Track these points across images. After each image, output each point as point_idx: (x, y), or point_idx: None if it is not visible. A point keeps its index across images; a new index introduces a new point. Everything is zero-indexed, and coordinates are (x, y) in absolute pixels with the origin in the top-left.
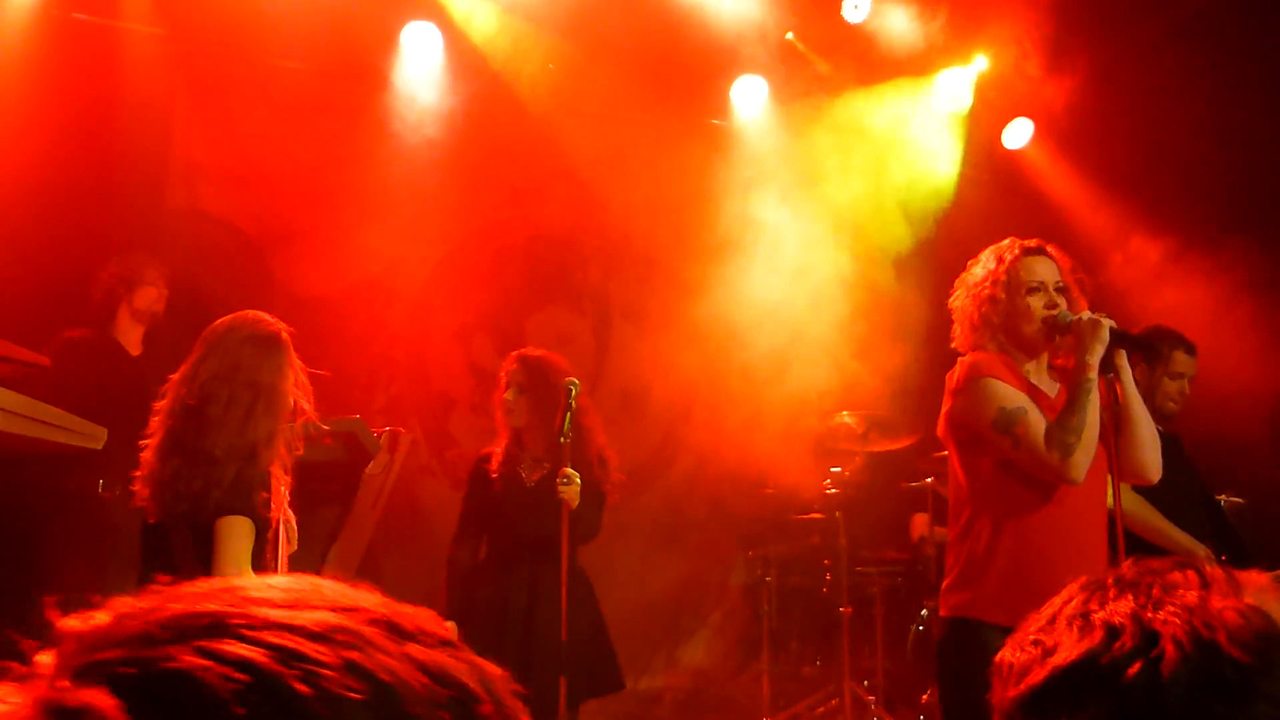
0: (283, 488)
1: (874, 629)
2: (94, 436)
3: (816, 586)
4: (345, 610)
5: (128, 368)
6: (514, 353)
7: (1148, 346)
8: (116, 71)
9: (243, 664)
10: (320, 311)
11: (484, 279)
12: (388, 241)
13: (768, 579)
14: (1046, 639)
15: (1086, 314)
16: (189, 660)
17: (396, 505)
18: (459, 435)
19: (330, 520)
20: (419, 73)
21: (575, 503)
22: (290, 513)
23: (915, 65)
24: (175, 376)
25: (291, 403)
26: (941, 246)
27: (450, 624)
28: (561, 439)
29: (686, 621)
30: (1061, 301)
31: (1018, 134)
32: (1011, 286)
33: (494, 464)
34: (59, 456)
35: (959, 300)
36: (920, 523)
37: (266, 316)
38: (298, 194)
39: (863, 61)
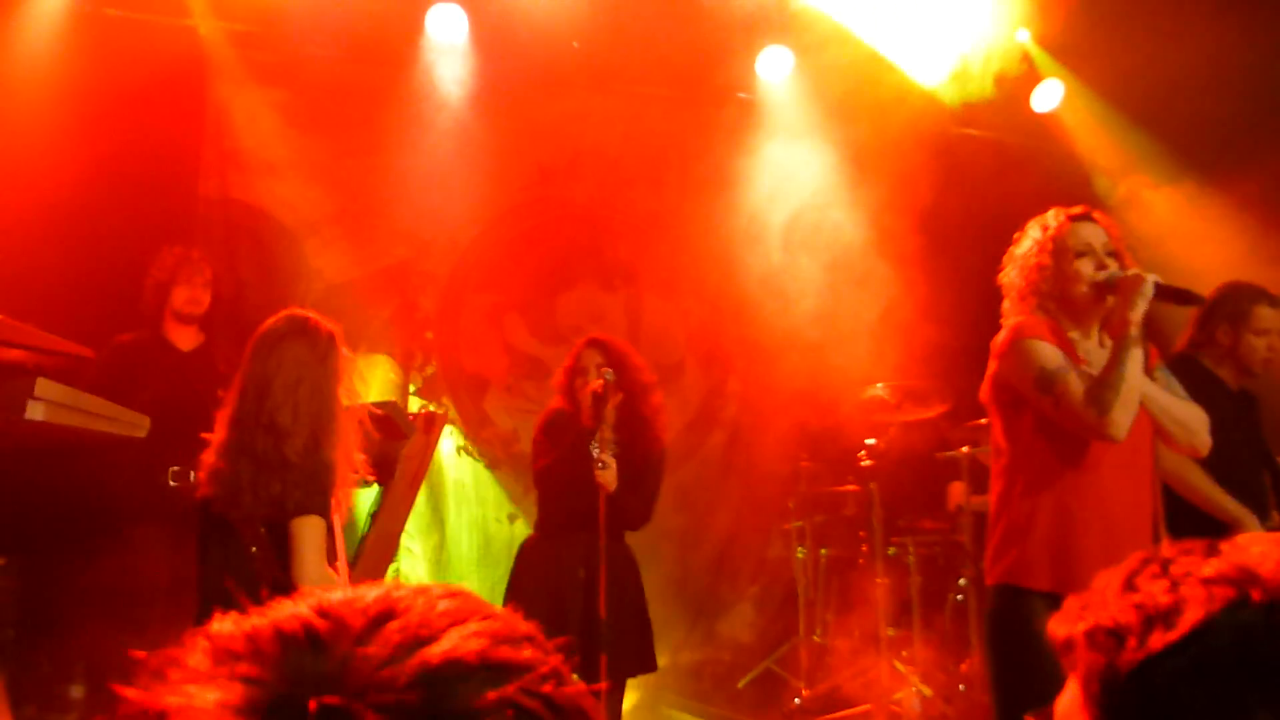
0: (350, 476)
1: (911, 599)
2: (137, 425)
3: (853, 558)
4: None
5: (177, 365)
6: (589, 336)
7: (1194, 299)
8: (148, 65)
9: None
10: (353, 295)
11: (515, 259)
12: (418, 224)
13: (804, 552)
14: (1149, 602)
15: (1131, 270)
16: None
17: (432, 485)
18: (493, 415)
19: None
20: (444, 55)
21: (613, 486)
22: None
23: (946, 31)
24: (236, 378)
25: (345, 399)
26: (974, 214)
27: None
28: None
29: (724, 595)
30: (1111, 264)
31: (1048, 96)
32: (1059, 252)
33: (566, 429)
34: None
35: (1007, 275)
36: (957, 492)
37: (316, 316)
38: (328, 179)
39: (891, 29)
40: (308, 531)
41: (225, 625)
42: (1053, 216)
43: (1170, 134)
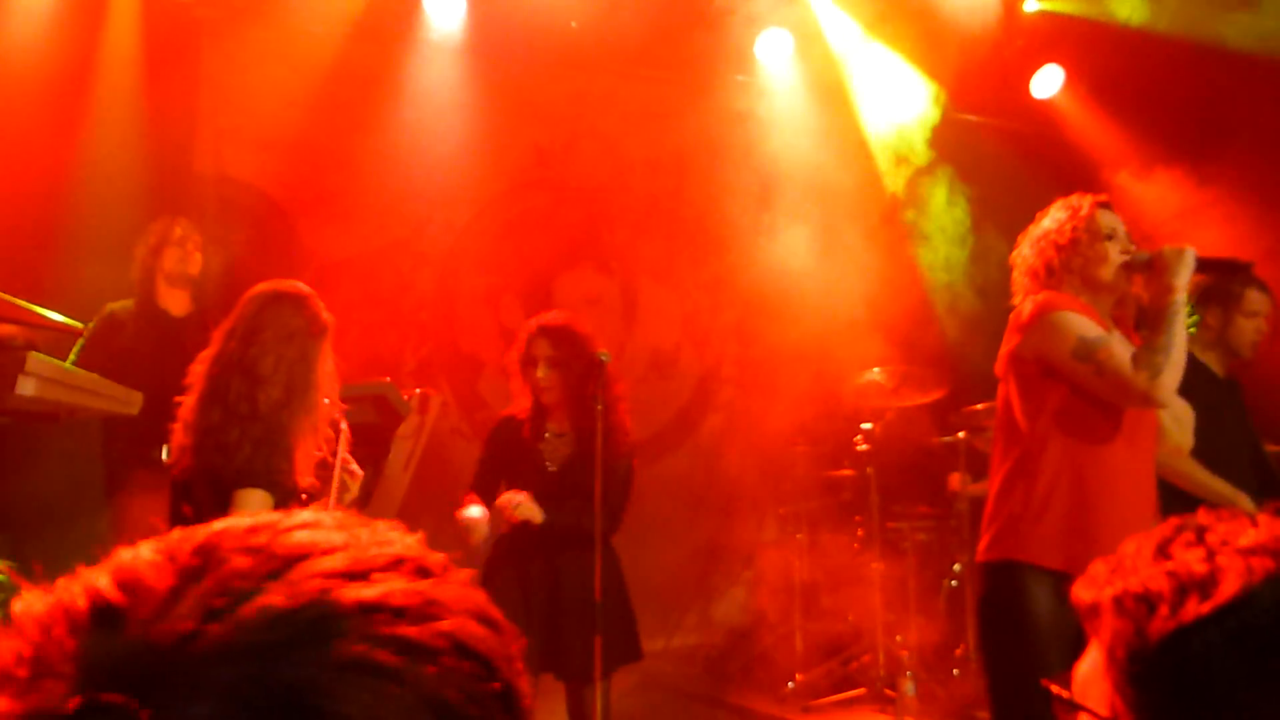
0: (317, 451)
1: (906, 584)
2: (129, 402)
3: (848, 542)
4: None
5: (170, 331)
6: (534, 324)
7: (1232, 270)
8: (142, 39)
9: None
10: (348, 275)
11: (511, 240)
12: (414, 204)
13: (800, 536)
14: (1183, 570)
15: (1166, 246)
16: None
17: (427, 467)
18: (489, 397)
19: (363, 483)
20: (442, 34)
21: (538, 519)
22: (353, 463)
23: (943, 15)
24: (217, 333)
25: (327, 373)
26: (971, 198)
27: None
28: (597, 406)
29: (719, 579)
30: (1134, 247)
31: (1047, 82)
32: (1091, 231)
33: (520, 439)
34: (112, 425)
35: (1023, 253)
36: (954, 478)
37: (304, 287)
38: (324, 158)
39: (889, 12)
40: (246, 503)
41: (26, 606)
42: (1079, 199)
43: (1160, 119)
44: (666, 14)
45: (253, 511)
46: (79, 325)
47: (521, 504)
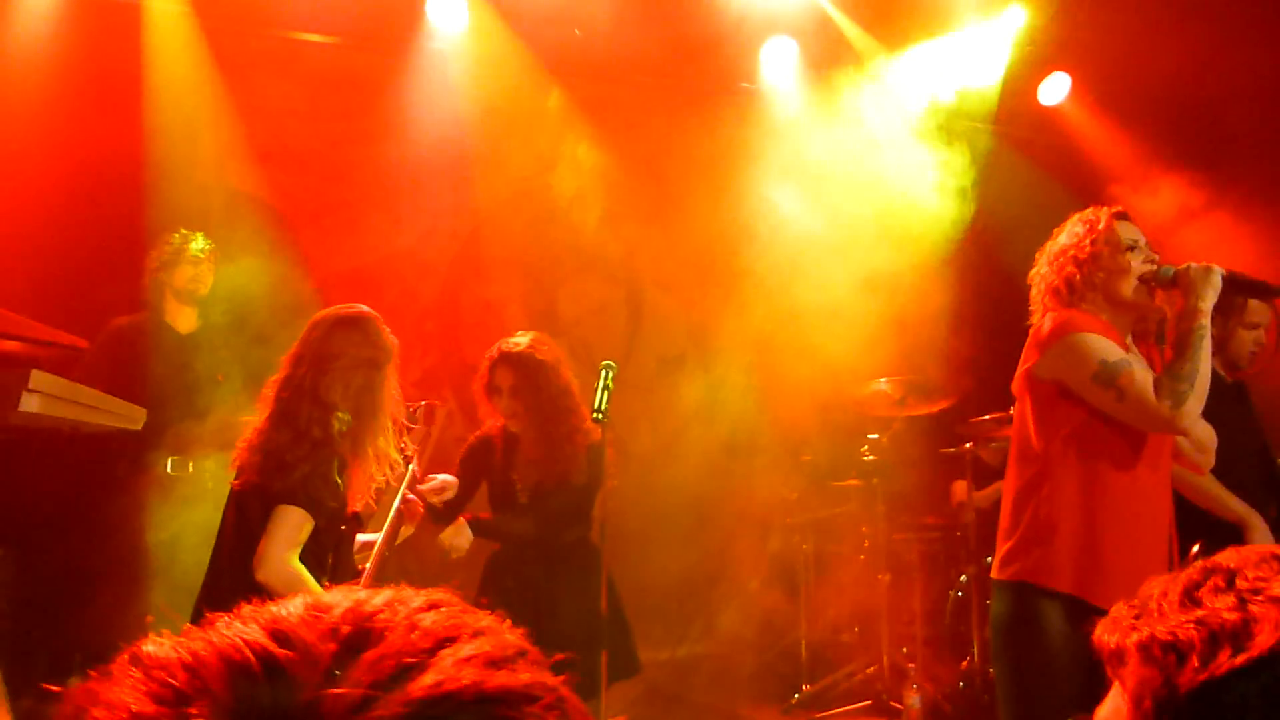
0: (379, 476)
1: (912, 596)
2: (132, 418)
3: (854, 553)
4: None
5: (176, 347)
6: (496, 350)
7: (1265, 290)
8: (144, 51)
9: None
10: (352, 286)
11: (515, 250)
12: (418, 214)
13: (805, 546)
14: (1213, 619)
15: (1193, 264)
16: None
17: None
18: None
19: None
20: (444, 43)
21: (464, 549)
22: (412, 496)
23: (948, 21)
24: (286, 358)
25: (392, 399)
26: (979, 208)
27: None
28: (597, 416)
29: (723, 589)
30: (1156, 258)
31: (1054, 89)
32: (1112, 244)
33: (493, 463)
34: (124, 437)
35: (1041, 271)
36: (960, 488)
37: (369, 311)
38: (326, 169)
39: (894, 19)
40: (285, 519)
41: (161, 648)
42: (1096, 212)
43: (1171, 127)
44: (671, 21)
45: (288, 527)
46: (83, 342)
47: (455, 547)
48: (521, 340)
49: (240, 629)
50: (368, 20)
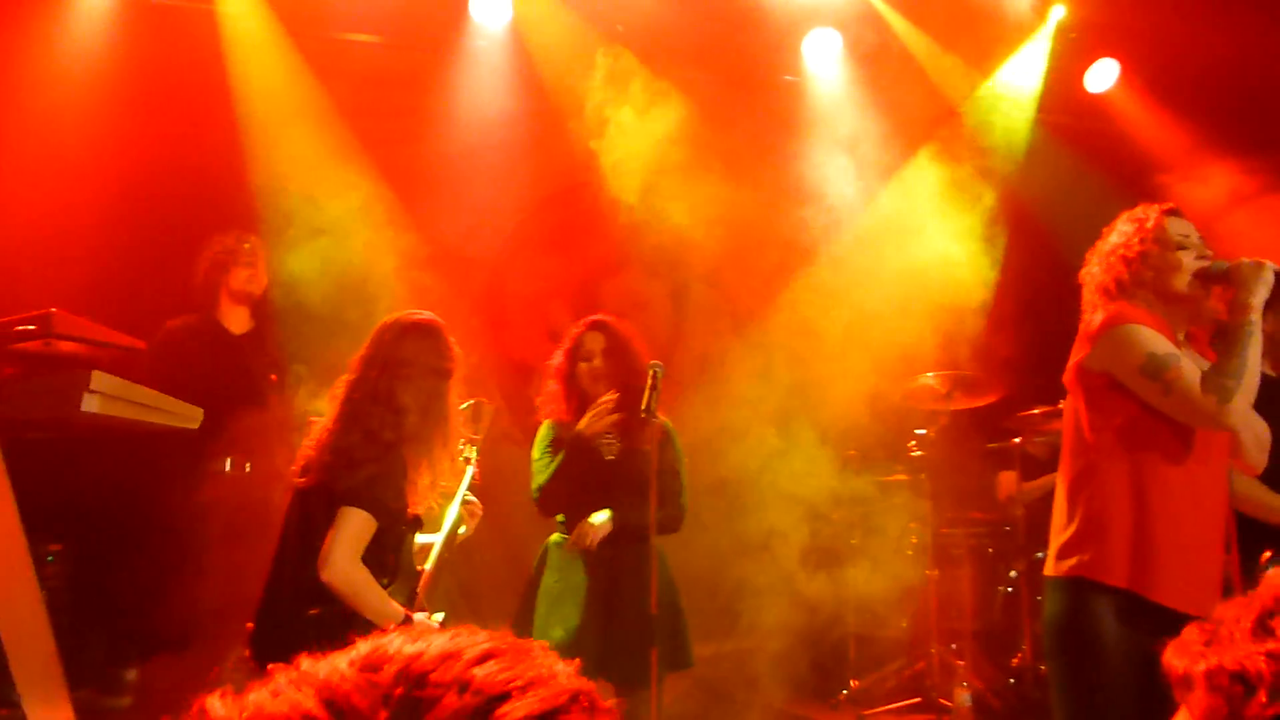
0: (441, 481)
1: (960, 591)
2: (189, 417)
3: (901, 548)
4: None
5: (230, 348)
6: (591, 319)
7: None
8: (196, 52)
9: None
10: (397, 282)
11: (559, 245)
12: (463, 211)
13: (852, 541)
14: None
15: (1245, 259)
16: None
17: (477, 472)
18: (539, 402)
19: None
20: (489, 40)
21: (596, 540)
22: (474, 501)
23: (993, 11)
24: (355, 361)
25: (455, 407)
26: (1028, 198)
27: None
28: (644, 414)
29: (769, 584)
30: (1209, 254)
31: (1101, 76)
32: (1162, 241)
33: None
34: (179, 436)
35: (1092, 270)
36: (1007, 481)
37: (436, 319)
38: (374, 166)
39: (938, 9)
40: (350, 521)
41: (223, 709)
42: (1145, 209)
43: (1223, 112)
44: (713, 16)
45: (353, 529)
46: (140, 343)
47: (589, 533)
48: (613, 317)
49: (294, 697)
50: (412, 19)
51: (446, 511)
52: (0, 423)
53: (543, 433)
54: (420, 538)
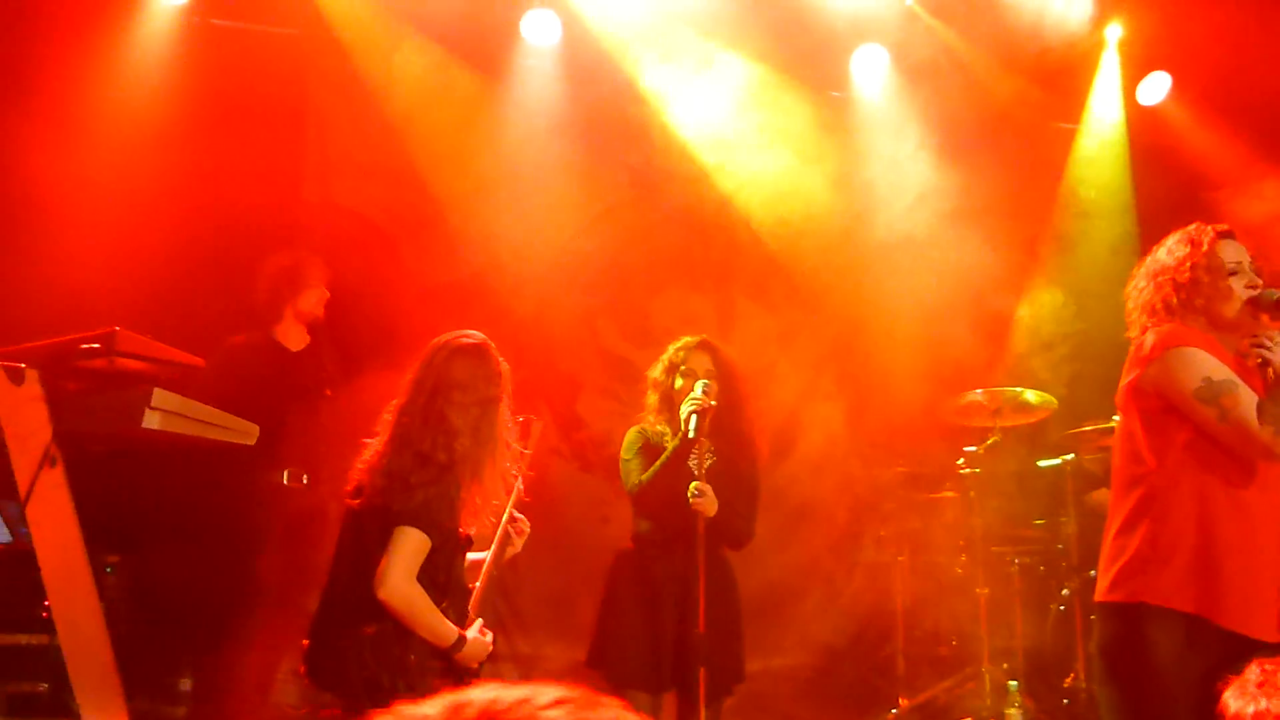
0: (493, 500)
1: (1012, 610)
2: (246, 433)
3: (950, 566)
4: None
5: (289, 365)
6: (692, 339)
7: None
8: (253, 72)
9: None
10: (449, 298)
11: (607, 262)
12: (512, 228)
13: (900, 558)
14: None
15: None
16: None
17: (527, 489)
18: (587, 418)
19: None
20: (539, 60)
21: (711, 512)
22: (521, 519)
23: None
24: (406, 383)
25: (505, 426)
26: (1078, 213)
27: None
28: (690, 434)
29: (817, 599)
30: (1260, 282)
31: (1154, 89)
32: (1213, 269)
33: (658, 447)
34: (233, 451)
35: (1141, 286)
36: (1061, 500)
37: (484, 339)
38: (425, 183)
39: (989, 26)
40: (406, 541)
41: None
42: (1199, 231)
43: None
44: (759, 32)
45: (409, 549)
46: (200, 361)
47: (706, 495)
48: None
49: None
50: (464, 38)
51: (496, 530)
52: (63, 437)
53: (632, 436)
54: (470, 555)
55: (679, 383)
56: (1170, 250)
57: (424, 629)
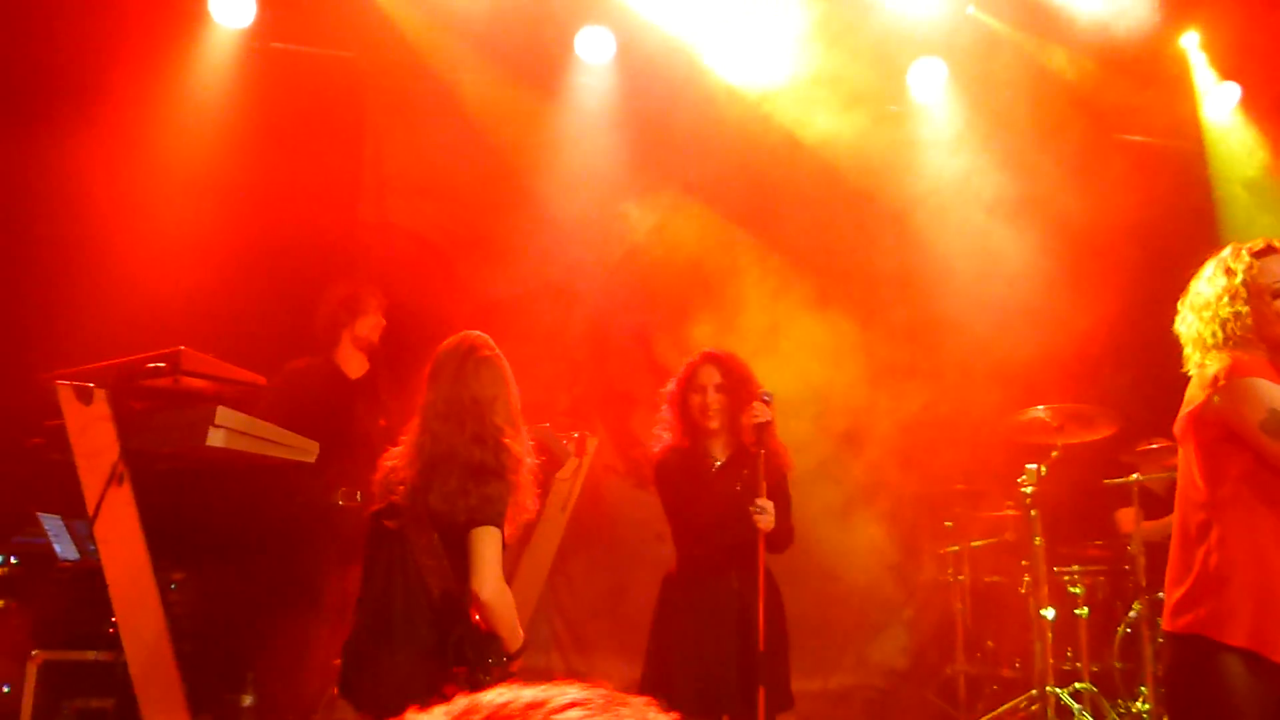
0: (530, 504)
1: (1076, 630)
2: (307, 451)
3: (1013, 585)
4: None
5: (346, 391)
6: (700, 354)
7: None
8: (311, 95)
9: None
10: (504, 316)
11: (661, 278)
12: (567, 245)
13: (961, 577)
14: None
15: None
16: None
17: (582, 505)
18: (641, 434)
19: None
20: (593, 77)
21: (770, 527)
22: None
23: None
24: (427, 386)
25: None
26: (1142, 227)
27: None
28: (760, 451)
29: (876, 619)
30: None
31: (1221, 101)
32: (1253, 295)
33: (692, 468)
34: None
35: (1186, 323)
36: (1125, 519)
37: (489, 340)
38: (480, 202)
39: (1053, 34)
40: (487, 541)
41: None
42: (1232, 257)
43: None
44: (815, 46)
45: (493, 548)
46: (262, 379)
47: (767, 512)
48: (724, 350)
49: None
50: (520, 57)
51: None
52: (130, 455)
53: (663, 458)
54: None
55: (694, 399)
56: (1209, 280)
57: (506, 628)
